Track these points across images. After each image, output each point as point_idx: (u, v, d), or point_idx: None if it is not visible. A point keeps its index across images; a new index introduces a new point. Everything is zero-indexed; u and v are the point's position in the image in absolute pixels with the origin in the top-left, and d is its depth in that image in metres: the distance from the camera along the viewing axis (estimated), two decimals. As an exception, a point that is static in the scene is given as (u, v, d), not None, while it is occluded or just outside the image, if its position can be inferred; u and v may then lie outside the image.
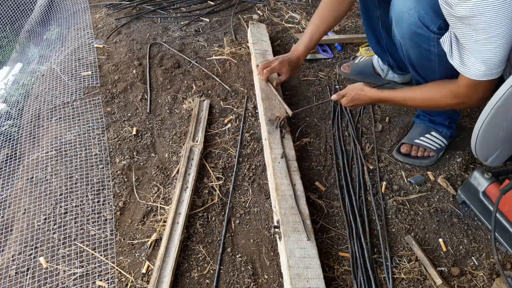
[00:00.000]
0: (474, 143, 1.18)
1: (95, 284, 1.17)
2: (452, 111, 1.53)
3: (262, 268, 1.23)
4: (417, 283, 1.21)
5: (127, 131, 1.65)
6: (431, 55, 1.25)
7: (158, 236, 1.28)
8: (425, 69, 1.34)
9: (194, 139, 1.58)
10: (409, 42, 1.27)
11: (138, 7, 2.42)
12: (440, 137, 1.55)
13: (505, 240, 1.26)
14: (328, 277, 1.19)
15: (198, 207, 1.37)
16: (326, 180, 1.50)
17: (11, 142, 1.68)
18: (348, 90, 1.47)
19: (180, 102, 1.79)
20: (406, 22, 1.22)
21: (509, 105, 1.06)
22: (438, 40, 1.15)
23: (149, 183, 1.46)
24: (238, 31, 2.25)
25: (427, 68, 1.32)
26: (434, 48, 1.21)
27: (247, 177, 1.48)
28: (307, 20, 2.36)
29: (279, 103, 1.64)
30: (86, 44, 2.10)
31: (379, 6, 1.57)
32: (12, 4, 2.56)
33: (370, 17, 1.64)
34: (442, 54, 1.14)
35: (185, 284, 1.19)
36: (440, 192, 1.46)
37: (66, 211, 1.36)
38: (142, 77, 1.91)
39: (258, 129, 1.66)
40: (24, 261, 1.23)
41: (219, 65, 2.00)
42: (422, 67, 1.35)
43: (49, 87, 1.87)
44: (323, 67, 2.03)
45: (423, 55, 1.27)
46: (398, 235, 1.33)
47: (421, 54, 1.28)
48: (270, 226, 1.33)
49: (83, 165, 1.51)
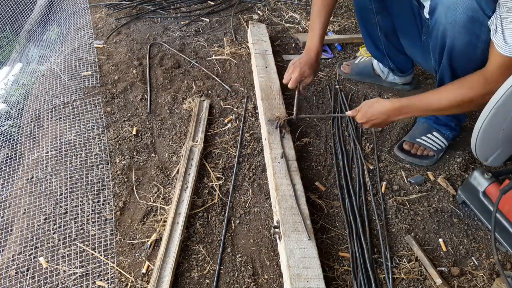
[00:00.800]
0: (474, 143, 1.18)
1: (95, 284, 1.17)
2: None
3: (262, 268, 1.23)
4: (417, 283, 1.21)
5: (127, 131, 1.65)
6: (478, 42, 1.21)
7: (158, 236, 1.28)
8: (466, 58, 1.29)
9: (194, 139, 1.58)
10: (461, 29, 1.22)
11: (138, 7, 2.42)
12: (442, 138, 1.55)
13: (505, 240, 1.26)
14: (328, 277, 1.19)
15: (198, 207, 1.37)
16: (326, 180, 1.50)
17: (11, 142, 1.68)
18: (362, 104, 1.41)
19: (180, 102, 1.79)
20: (463, 6, 1.17)
21: (509, 105, 1.06)
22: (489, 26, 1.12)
23: (149, 183, 1.46)
24: (238, 31, 2.25)
25: (469, 57, 1.28)
26: (484, 34, 1.17)
27: (247, 177, 1.48)
28: (307, 20, 2.36)
29: (281, 104, 1.64)
30: (86, 44, 2.10)
31: (377, 12, 1.56)
32: (12, 4, 2.56)
33: (367, 23, 1.63)
34: (489, 41, 1.13)
35: (185, 284, 1.19)
36: (440, 192, 1.46)
37: (66, 211, 1.35)
38: (142, 77, 1.91)
39: (258, 129, 1.66)
40: (24, 261, 1.23)
41: (219, 65, 2.00)
42: (464, 55, 1.29)
43: (49, 87, 1.87)
44: (323, 67, 2.03)
45: (472, 42, 1.23)
46: (398, 235, 1.33)
47: (470, 42, 1.23)
48: (270, 226, 1.33)
49: (83, 165, 1.51)
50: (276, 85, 1.76)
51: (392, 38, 1.63)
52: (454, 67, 1.33)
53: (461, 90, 1.21)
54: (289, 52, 2.12)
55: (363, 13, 1.60)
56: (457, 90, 1.22)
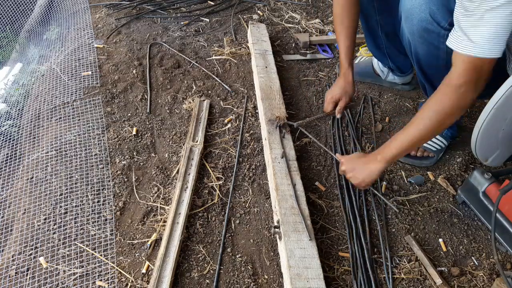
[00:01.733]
0: (474, 143, 1.18)
1: (95, 284, 1.17)
2: None
3: (262, 268, 1.23)
4: (417, 283, 1.21)
5: (127, 131, 1.65)
6: (439, 53, 1.23)
7: (158, 236, 1.28)
8: (432, 68, 1.32)
9: (194, 139, 1.58)
10: (419, 39, 1.25)
11: (138, 7, 2.42)
12: (441, 138, 1.55)
13: (505, 240, 1.26)
14: (328, 277, 1.19)
15: (198, 207, 1.37)
16: (326, 180, 1.50)
17: (11, 142, 1.68)
18: (344, 159, 1.34)
19: (180, 102, 1.79)
20: (416, 17, 1.20)
21: (509, 105, 1.06)
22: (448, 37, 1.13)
23: (149, 183, 1.46)
24: (238, 31, 2.25)
25: (435, 67, 1.30)
26: (444, 45, 1.17)
27: (247, 177, 1.48)
28: (307, 20, 2.36)
29: (281, 104, 1.65)
30: (86, 44, 2.10)
31: (378, 11, 1.57)
32: (12, 4, 2.56)
33: (369, 22, 1.64)
34: (451, 52, 1.12)
35: (185, 284, 1.19)
36: (440, 192, 1.46)
37: (66, 211, 1.35)
38: (142, 77, 1.91)
39: (258, 129, 1.66)
40: (24, 261, 1.23)
41: (219, 65, 2.00)
42: (429, 65, 1.32)
43: (49, 87, 1.87)
44: (323, 67, 2.03)
45: (432, 52, 1.25)
46: (398, 235, 1.33)
47: (430, 52, 1.25)
48: (270, 226, 1.33)
49: (83, 165, 1.51)
50: (276, 85, 1.76)
51: (392, 38, 1.63)
52: (424, 73, 1.37)
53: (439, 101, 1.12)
54: (289, 52, 2.13)
55: (366, 12, 1.61)
56: (431, 113, 1.13)
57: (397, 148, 1.20)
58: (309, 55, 2.09)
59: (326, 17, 2.41)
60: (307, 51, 2.12)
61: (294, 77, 1.95)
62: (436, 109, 1.12)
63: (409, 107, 1.79)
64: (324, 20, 2.38)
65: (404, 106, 1.79)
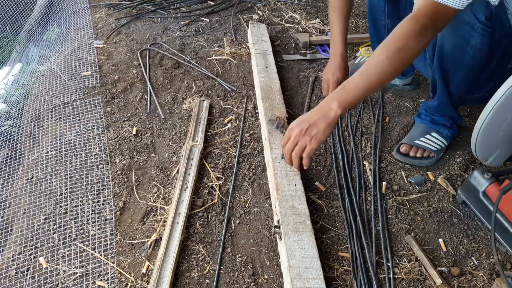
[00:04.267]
0: (474, 143, 1.18)
1: (95, 284, 1.17)
2: (453, 113, 1.52)
3: (262, 268, 1.23)
4: (417, 283, 1.21)
5: (127, 131, 1.65)
6: (467, 47, 1.21)
7: (158, 236, 1.28)
8: (455, 64, 1.30)
9: (194, 139, 1.58)
10: (449, 29, 1.22)
11: (138, 7, 2.42)
12: (441, 138, 1.55)
13: (505, 240, 1.26)
14: (328, 277, 1.19)
15: (198, 207, 1.37)
16: (326, 180, 1.50)
17: (11, 142, 1.68)
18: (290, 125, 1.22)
19: (180, 102, 1.79)
20: None
21: (509, 105, 1.06)
22: (481, 32, 1.12)
23: (149, 183, 1.46)
24: (238, 31, 2.25)
25: (458, 63, 1.28)
26: (474, 39, 1.17)
27: (247, 177, 1.48)
28: (307, 20, 2.36)
29: (281, 104, 1.64)
30: (86, 44, 2.10)
31: (388, 16, 1.57)
32: (12, 4, 2.56)
33: (378, 25, 1.65)
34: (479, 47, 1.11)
35: (185, 284, 1.19)
36: (440, 192, 1.46)
37: (66, 211, 1.35)
38: (142, 77, 1.91)
39: (258, 129, 1.66)
40: (24, 261, 1.23)
41: (219, 65, 2.00)
42: (452, 60, 1.29)
43: (49, 87, 1.87)
44: (323, 67, 2.03)
45: (460, 45, 1.23)
46: (398, 235, 1.33)
47: (458, 45, 1.23)
48: (270, 226, 1.33)
49: (83, 165, 1.51)
50: (276, 85, 1.76)
51: None
52: (443, 69, 1.34)
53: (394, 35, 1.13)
54: (289, 52, 2.13)
55: (375, 14, 1.62)
56: (390, 38, 1.13)
57: (355, 96, 1.15)
58: (309, 55, 2.09)
59: (326, 17, 2.41)
60: (307, 51, 2.13)
61: (294, 77, 1.95)
62: (394, 36, 1.12)
63: (409, 107, 1.79)
64: (324, 20, 2.38)
65: (404, 106, 1.80)
